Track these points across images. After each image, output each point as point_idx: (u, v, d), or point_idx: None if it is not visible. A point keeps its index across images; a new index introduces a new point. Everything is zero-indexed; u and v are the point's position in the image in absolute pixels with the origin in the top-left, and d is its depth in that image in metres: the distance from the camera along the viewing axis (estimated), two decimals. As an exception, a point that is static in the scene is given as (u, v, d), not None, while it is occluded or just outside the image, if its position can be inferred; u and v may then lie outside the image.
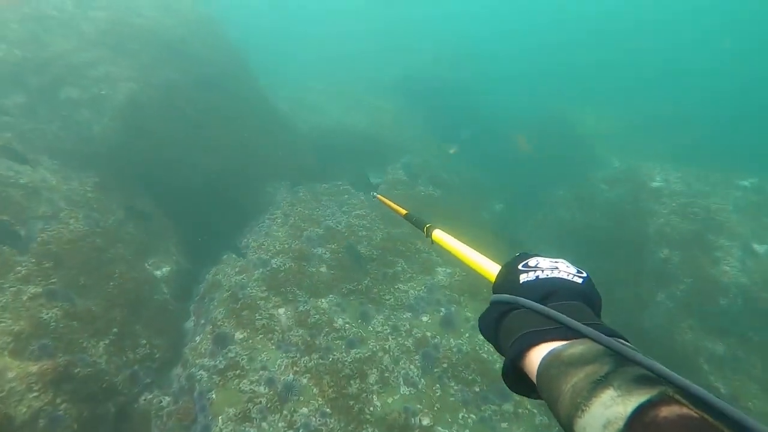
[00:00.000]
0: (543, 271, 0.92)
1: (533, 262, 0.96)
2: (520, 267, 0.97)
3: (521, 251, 1.05)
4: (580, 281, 0.90)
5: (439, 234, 1.50)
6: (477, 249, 1.25)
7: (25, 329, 5.38)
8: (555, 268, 0.92)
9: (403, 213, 1.98)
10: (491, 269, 1.10)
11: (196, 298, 7.65)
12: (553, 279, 0.90)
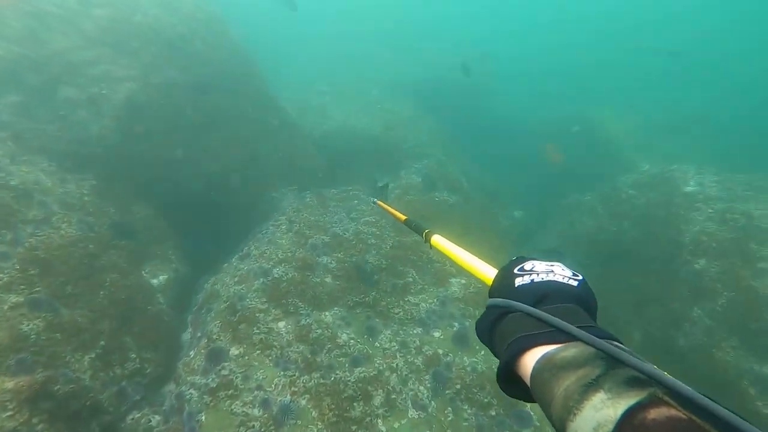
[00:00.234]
0: (538, 275, 0.91)
1: (529, 265, 0.96)
2: (515, 271, 0.96)
3: (518, 255, 1.06)
4: (575, 284, 0.89)
5: (438, 239, 1.53)
6: (483, 257, 1.22)
7: (2, 342, 4.98)
8: (551, 271, 0.92)
9: (403, 219, 2.04)
10: (489, 274, 1.10)
11: (194, 308, 7.22)
12: (548, 282, 0.89)
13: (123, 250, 7.11)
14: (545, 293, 0.86)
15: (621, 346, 0.68)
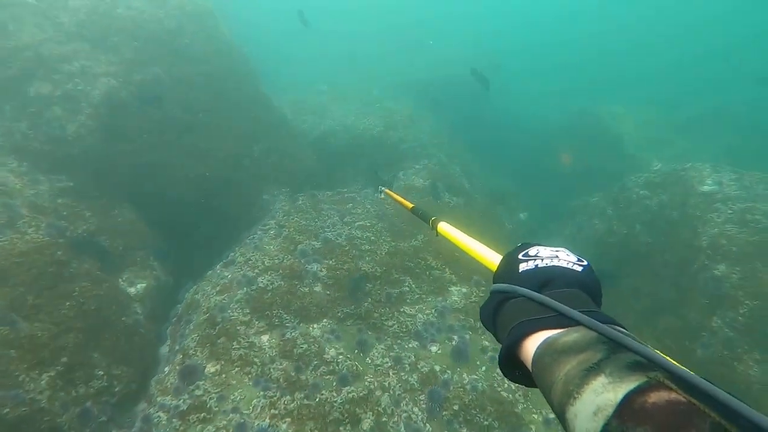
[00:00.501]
0: (542, 260, 0.90)
1: (533, 251, 0.94)
2: (520, 256, 0.94)
3: (523, 242, 1.02)
4: (579, 269, 0.86)
5: (445, 226, 1.55)
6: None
7: (-53, 361, 4.51)
8: (555, 256, 0.90)
9: (410, 207, 2.12)
10: (495, 260, 1.09)
11: (173, 319, 6.71)
12: (552, 267, 0.87)
13: (97, 256, 6.63)
14: (549, 278, 0.85)
15: (623, 330, 0.66)
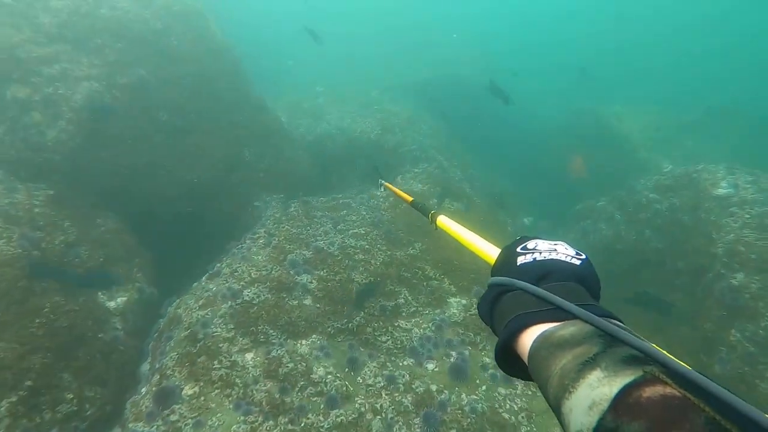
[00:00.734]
0: (541, 253, 0.89)
1: (532, 244, 0.93)
2: (518, 250, 0.94)
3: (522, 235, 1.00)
4: (578, 263, 0.86)
5: (444, 220, 1.58)
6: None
7: None
8: (553, 250, 0.90)
9: (410, 200, 2.24)
10: (494, 254, 1.07)
11: (154, 334, 6.33)
12: (550, 260, 0.87)
13: (75, 268, 6.27)
14: (547, 272, 0.84)
15: (620, 324, 0.66)
